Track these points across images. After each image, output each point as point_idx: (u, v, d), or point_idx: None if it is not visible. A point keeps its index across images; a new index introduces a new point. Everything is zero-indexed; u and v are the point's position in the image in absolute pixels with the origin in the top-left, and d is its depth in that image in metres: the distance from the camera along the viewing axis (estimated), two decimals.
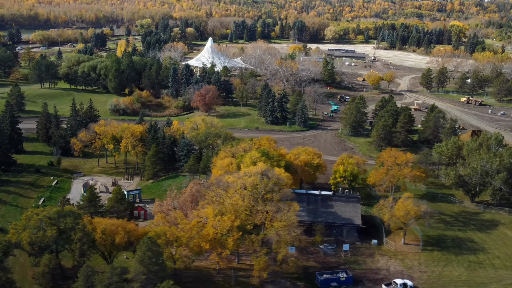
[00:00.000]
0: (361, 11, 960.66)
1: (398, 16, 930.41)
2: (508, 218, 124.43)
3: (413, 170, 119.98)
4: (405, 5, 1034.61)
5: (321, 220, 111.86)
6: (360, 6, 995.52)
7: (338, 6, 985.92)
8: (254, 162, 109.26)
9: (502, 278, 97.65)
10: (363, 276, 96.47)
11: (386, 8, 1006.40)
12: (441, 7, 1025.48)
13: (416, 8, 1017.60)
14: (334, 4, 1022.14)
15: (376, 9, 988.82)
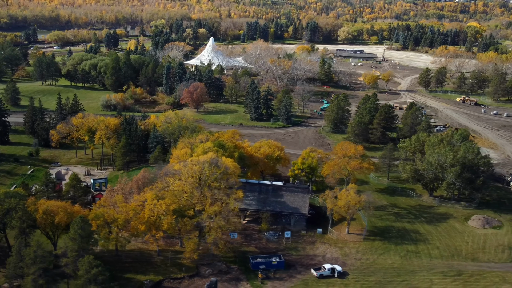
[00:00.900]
0: (381, 12, 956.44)
1: (419, 17, 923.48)
2: (461, 212, 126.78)
3: (361, 162, 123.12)
4: (427, 6, 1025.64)
5: (269, 209, 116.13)
6: (380, 7, 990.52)
7: (358, 7, 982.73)
8: (206, 152, 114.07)
9: (434, 267, 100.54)
10: (297, 261, 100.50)
11: (407, 9, 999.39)
12: (464, 8, 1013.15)
13: (438, 9, 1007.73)
14: (354, 5, 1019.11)
15: (397, 10, 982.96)
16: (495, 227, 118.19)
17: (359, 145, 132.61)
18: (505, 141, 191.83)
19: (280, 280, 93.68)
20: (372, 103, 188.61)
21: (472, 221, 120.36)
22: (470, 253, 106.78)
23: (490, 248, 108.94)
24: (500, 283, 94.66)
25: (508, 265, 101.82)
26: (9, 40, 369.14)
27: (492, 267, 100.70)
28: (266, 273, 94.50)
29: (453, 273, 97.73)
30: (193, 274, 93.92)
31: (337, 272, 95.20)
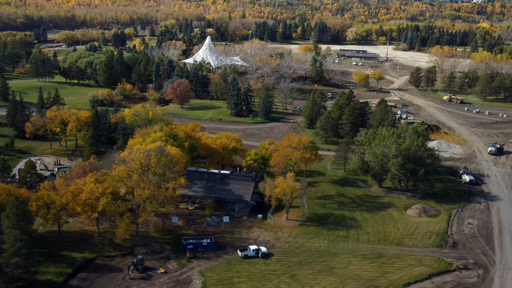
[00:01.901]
0: (396, 13, 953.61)
1: (435, 18, 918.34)
2: (404, 202, 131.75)
3: (303, 152, 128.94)
4: (444, 7, 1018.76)
5: (215, 196, 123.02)
6: (396, 8, 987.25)
7: (374, 8, 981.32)
8: (155, 141, 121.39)
9: (357, 250, 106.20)
10: (229, 244, 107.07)
11: (423, 10, 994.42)
12: (481, 9, 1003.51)
13: (454, 10, 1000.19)
14: (371, 6, 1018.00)
15: (413, 11, 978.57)
16: (431, 215, 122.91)
17: (303, 136, 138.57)
18: (476, 138, 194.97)
19: (206, 259, 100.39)
20: (345, 100, 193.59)
21: (411, 210, 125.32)
22: (397, 238, 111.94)
23: (418, 234, 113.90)
24: (415, 265, 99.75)
25: (429, 250, 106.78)
26: (17, 39, 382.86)
27: (413, 251, 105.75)
28: (194, 253, 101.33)
29: (373, 256, 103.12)
30: (126, 253, 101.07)
31: (262, 253, 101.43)
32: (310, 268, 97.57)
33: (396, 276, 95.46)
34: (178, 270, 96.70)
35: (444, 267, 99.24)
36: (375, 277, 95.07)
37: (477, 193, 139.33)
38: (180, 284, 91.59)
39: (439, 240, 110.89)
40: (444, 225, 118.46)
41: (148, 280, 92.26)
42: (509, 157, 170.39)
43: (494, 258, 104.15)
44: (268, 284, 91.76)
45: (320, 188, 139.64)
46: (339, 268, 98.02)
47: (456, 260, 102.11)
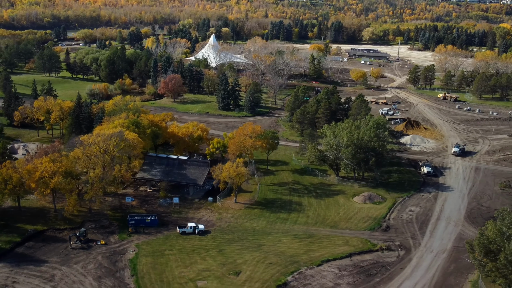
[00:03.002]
0: (422, 14, 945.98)
1: (461, 19, 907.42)
2: (355, 190, 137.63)
3: (255, 141, 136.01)
4: (471, 7, 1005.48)
5: (171, 179, 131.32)
6: (421, 9, 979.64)
7: (399, 9, 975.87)
8: (116, 127, 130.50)
9: (291, 231, 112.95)
10: (173, 222, 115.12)
11: (449, 11, 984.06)
12: (510, 9, 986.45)
13: (482, 11, 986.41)
14: (396, 6, 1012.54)
15: (439, 12, 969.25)
16: (375, 202, 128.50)
17: (257, 125, 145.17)
18: (455, 133, 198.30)
19: (147, 234, 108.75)
20: (324, 95, 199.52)
21: (357, 197, 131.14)
22: (334, 221, 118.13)
23: (355, 218, 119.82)
24: (340, 245, 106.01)
25: (360, 232, 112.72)
26: (37, 37, 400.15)
27: (345, 233, 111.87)
28: (136, 228, 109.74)
29: (304, 236, 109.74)
30: (75, 227, 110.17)
31: (199, 230, 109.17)
32: (240, 245, 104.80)
33: (318, 254, 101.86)
34: (118, 242, 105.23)
35: (368, 248, 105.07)
36: (298, 254, 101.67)
37: (431, 184, 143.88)
38: (115, 255, 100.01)
39: (374, 224, 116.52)
40: (385, 211, 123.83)
41: (87, 250, 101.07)
42: (474, 156, 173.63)
43: (421, 241, 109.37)
44: (195, 257, 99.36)
45: (279, 175, 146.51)
46: (267, 246, 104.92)
47: (382, 242, 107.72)
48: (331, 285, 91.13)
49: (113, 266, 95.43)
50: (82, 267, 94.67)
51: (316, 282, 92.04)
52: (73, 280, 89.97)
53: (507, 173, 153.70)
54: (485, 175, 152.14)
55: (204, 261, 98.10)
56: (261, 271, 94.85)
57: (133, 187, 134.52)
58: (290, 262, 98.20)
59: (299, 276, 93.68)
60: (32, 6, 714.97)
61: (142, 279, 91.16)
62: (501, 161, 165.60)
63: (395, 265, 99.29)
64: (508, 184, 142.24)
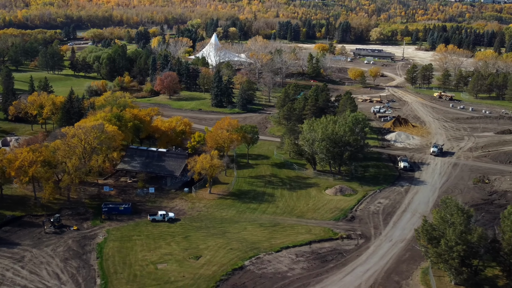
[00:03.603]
0: (434, 14, 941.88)
1: (475, 19, 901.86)
2: (329, 183, 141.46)
3: (231, 134, 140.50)
4: (485, 8, 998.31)
5: (150, 171, 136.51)
6: (434, 9, 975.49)
7: (411, 9, 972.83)
8: (97, 120, 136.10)
9: (258, 220, 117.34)
10: (146, 210, 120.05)
11: (463, 11, 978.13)
12: None
13: (496, 11, 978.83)
14: (409, 6, 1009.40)
15: (452, 12, 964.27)
16: (346, 195, 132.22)
17: (234, 120, 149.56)
18: (443, 131, 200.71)
19: (119, 221, 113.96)
20: (312, 92, 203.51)
21: (329, 189, 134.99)
22: (301, 212, 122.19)
23: (323, 209, 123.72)
24: (303, 233, 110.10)
25: (325, 222, 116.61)
26: (47, 36, 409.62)
27: (309, 223, 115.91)
28: (109, 215, 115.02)
29: (269, 225, 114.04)
30: (52, 213, 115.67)
31: (168, 218, 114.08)
32: (206, 232, 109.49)
33: (279, 241, 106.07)
34: (90, 228, 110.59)
35: (329, 236, 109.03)
36: (260, 241, 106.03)
37: (406, 178, 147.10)
38: (85, 239, 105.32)
39: (339, 215, 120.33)
40: (354, 203, 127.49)
41: (59, 235, 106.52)
42: (462, 148, 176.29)
43: (382, 231, 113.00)
44: (161, 242, 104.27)
45: (258, 169, 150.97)
46: (232, 233, 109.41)
47: (344, 231, 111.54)
48: (286, 270, 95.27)
49: (81, 249, 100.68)
50: (52, 249, 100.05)
51: (271, 266, 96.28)
52: (41, 261, 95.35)
53: (484, 168, 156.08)
54: (462, 170, 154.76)
55: (168, 246, 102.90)
56: (221, 255, 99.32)
57: (114, 178, 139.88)
58: (251, 248, 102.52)
59: (257, 261, 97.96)
60: (46, 6, 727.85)
61: (106, 261, 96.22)
62: (482, 157, 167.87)
63: (352, 252, 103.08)
64: (482, 179, 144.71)
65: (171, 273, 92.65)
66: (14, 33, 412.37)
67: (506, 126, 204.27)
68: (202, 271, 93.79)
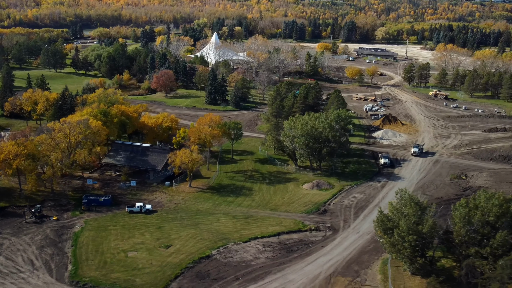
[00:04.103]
0: (444, 14, 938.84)
1: (485, 19, 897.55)
2: (308, 178, 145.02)
3: (212, 130, 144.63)
4: (495, 7, 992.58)
5: (133, 165, 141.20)
6: (444, 8, 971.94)
7: (421, 9, 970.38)
8: (83, 115, 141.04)
9: (233, 212, 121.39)
10: (126, 202, 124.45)
11: (473, 11, 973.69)
12: None
13: (507, 11, 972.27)
14: (419, 5, 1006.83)
15: (462, 12, 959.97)
16: (323, 189, 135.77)
17: (216, 116, 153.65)
18: (431, 129, 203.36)
19: (98, 212, 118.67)
20: (303, 90, 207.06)
21: (307, 184, 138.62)
22: (276, 205, 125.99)
23: (297, 203, 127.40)
24: (273, 225, 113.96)
25: (297, 215, 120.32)
26: (54, 35, 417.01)
27: (282, 215, 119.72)
28: (89, 207, 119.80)
29: (243, 217, 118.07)
30: (34, 204, 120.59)
31: (145, 209, 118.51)
32: (180, 223, 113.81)
33: (249, 232, 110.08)
34: (69, 219, 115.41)
35: (298, 228, 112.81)
36: (230, 232, 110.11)
37: (385, 174, 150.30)
38: (63, 229, 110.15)
39: (312, 208, 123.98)
40: (328, 197, 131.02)
41: (39, 224, 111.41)
42: (447, 145, 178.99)
43: (351, 224, 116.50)
44: (135, 231, 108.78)
45: (241, 164, 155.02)
46: (205, 224, 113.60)
47: (313, 223, 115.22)
48: (251, 259, 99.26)
49: (58, 238, 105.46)
50: (30, 238, 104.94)
51: (237, 256, 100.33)
52: (18, 248, 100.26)
53: (465, 165, 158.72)
54: (442, 167, 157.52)
55: (141, 235, 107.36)
56: (190, 245, 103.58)
57: (99, 172, 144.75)
58: (220, 238, 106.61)
59: (224, 250, 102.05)
60: (57, 5, 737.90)
61: (80, 249, 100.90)
62: (464, 154, 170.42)
63: (318, 243, 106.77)
64: (459, 176, 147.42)
65: (140, 261, 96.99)
66: (21, 32, 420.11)
67: (495, 125, 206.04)
68: (170, 259, 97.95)
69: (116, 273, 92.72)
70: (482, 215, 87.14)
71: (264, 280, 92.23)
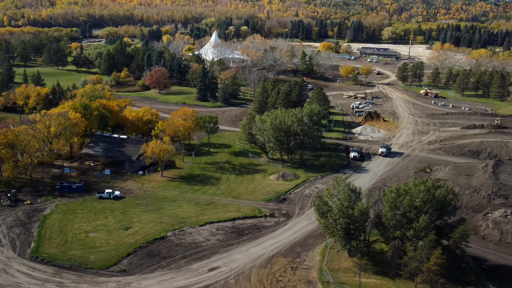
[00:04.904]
0: (457, 14, 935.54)
1: (498, 19, 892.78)
2: (276, 169, 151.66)
3: (185, 122, 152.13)
4: (510, 7, 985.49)
5: (109, 155, 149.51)
6: (457, 9, 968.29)
7: (433, 9, 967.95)
8: (64, 108, 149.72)
9: (196, 199, 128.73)
10: (98, 189, 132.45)
11: (486, 11, 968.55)
12: None
13: None
14: (433, 5, 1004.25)
15: (476, 12, 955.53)
16: (287, 180, 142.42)
17: (191, 109, 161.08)
18: (411, 126, 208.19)
19: (70, 197, 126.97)
20: (287, 87, 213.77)
21: (273, 175, 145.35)
22: (239, 193, 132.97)
23: (260, 191, 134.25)
24: (231, 211, 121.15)
25: (257, 202, 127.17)
26: (63, 34, 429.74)
27: (242, 203, 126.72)
28: (62, 192, 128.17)
29: (204, 204, 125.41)
30: (11, 190, 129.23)
31: (114, 195, 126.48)
32: (143, 208, 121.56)
33: (206, 217, 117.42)
34: (42, 203, 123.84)
35: (254, 214, 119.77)
36: (189, 216, 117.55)
37: (353, 167, 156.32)
38: (35, 211, 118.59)
39: (272, 197, 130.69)
40: (291, 187, 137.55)
41: (13, 207, 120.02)
42: (422, 140, 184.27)
43: (306, 211, 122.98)
44: (100, 215, 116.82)
45: (216, 156, 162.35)
46: (167, 209, 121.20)
47: (269, 210, 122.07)
48: (202, 240, 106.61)
49: (28, 220, 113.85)
50: (1, 219, 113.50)
51: (190, 238, 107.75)
52: None
53: (433, 160, 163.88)
54: (410, 161, 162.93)
55: (105, 219, 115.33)
56: (148, 227, 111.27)
57: (79, 162, 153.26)
58: (178, 222, 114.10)
59: (179, 233, 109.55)
60: (71, 5, 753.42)
61: (46, 229, 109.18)
62: (436, 150, 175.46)
63: (270, 228, 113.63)
64: (424, 169, 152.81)
65: (98, 241, 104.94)
66: (31, 31, 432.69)
67: (475, 122, 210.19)
68: (127, 239, 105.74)
69: (74, 250, 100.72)
70: (410, 201, 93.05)
71: (210, 259, 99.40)
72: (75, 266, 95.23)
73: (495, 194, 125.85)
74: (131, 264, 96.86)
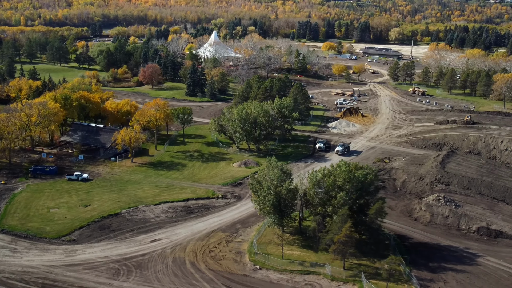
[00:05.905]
0: (471, 15, 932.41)
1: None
2: (241, 157, 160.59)
3: (156, 112, 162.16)
4: None
5: (86, 143, 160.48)
6: (472, 10, 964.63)
7: (447, 10, 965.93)
8: (46, 98, 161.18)
9: (157, 182, 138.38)
10: (70, 172, 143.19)
11: (502, 12, 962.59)
12: None
13: None
14: (448, 6, 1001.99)
15: (490, 14, 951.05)
16: (249, 167, 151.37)
17: (164, 101, 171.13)
18: (388, 121, 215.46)
19: (42, 179, 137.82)
20: (269, 82, 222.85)
21: (236, 163, 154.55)
22: (199, 178, 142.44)
23: (219, 177, 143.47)
24: (187, 193, 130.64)
25: (213, 186, 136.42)
26: (73, 33, 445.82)
27: (199, 186, 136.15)
28: (35, 174, 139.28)
29: (164, 186, 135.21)
30: None
31: (82, 177, 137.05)
32: (107, 189, 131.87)
33: (162, 197, 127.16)
34: (16, 183, 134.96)
35: (207, 196, 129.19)
36: (147, 196, 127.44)
37: (316, 157, 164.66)
38: (7, 190, 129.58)
39: (229, 181, 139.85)
40: (250, 172, 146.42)
41: None
42: (399, 133, 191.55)
43: None
44: (65, 194, 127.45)
45: (189, 146, 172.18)
46: (128, 191, 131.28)
47: (223, 193, 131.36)
48: (152, 217, 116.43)
49: None
50: None
51: (142, 215, 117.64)
52: None
53: (396, 151, 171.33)
54: (374, 152, 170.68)
55: (69, 197, 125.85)
56: (106, 205, 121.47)
57: (59, 148, 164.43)
58: (135, 201, 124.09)
59: (133, 210, 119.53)
60: (87, 6, 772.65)
61: (12, 205, 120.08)
62: (403, 142, 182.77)
63: (218, 207, 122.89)
64: (383, 160, 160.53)
65: (57, 215, 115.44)
66: (42, 30, 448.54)
67: (449, 118, 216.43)
68: (83, 214, 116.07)
69: (33, 223, 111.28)
70: (334, 180, 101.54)
71: (154, 232, 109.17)
72: (31, 235, 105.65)
73: (438, 181, 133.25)
74: (81, 235, 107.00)
